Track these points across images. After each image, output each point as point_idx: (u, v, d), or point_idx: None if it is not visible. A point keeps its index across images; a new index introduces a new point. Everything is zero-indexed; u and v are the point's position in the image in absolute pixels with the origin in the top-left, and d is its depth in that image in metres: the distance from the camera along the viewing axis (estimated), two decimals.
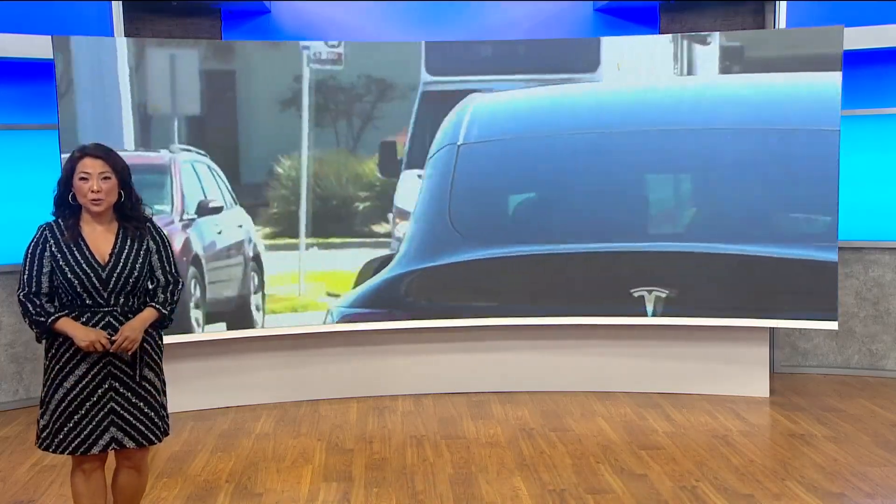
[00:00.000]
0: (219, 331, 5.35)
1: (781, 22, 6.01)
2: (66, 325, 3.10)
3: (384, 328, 5.59)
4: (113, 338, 3.10)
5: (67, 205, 3.18)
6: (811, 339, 6.35)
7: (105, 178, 3.13)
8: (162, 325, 3.30)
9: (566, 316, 5.60)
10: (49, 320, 3.10)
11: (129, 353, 3.14)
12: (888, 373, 6.21)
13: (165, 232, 3.38)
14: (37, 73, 5.56)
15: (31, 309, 3.13)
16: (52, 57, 4.99)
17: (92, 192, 3.10)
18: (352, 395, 5.74)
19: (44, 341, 3.21)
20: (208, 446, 4.85)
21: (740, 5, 6.24)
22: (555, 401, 5.62)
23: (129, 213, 3.22)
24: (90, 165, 3.12)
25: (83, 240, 3.14)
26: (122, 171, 3.19)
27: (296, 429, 5.14)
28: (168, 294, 3.28)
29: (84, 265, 3.11)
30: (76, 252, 3.12)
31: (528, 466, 4.48)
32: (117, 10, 5.66)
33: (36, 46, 5.26)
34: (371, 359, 5.75)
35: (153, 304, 3.24)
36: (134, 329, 3.14)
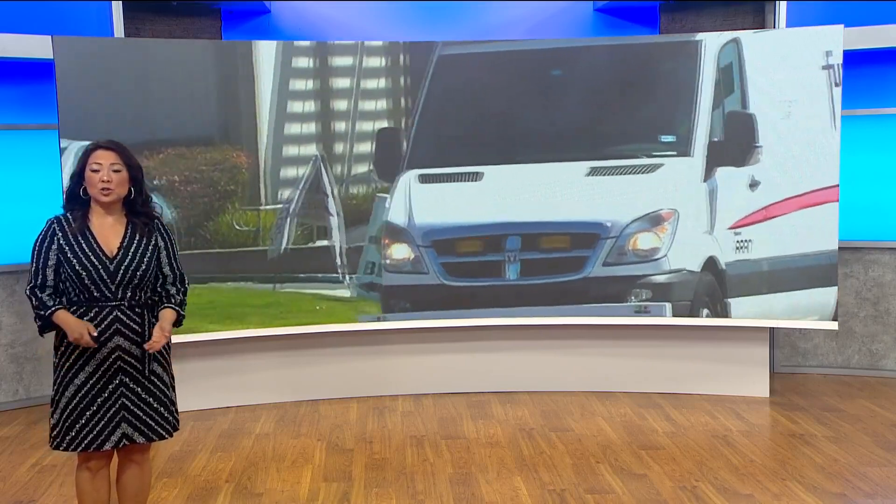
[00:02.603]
0: (221, 330, 5.35)
1: (781, 22, 6.01)
2: (61, 317, 3.13)
3: (384, 328, 5.59)
4: (150, 342, 3.17)
5: (78, 198, 3.22)
6: (811, 339, 6.35)
7: (116, 169, 3.17)
8: (177, 324, 3.34)
9: (566, 316, 5.59)
10: (46, 313, 3.12)
11: (158, 346, 3.19)
12: (888, 373, 6.21)
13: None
14: (37, 73, 5.56)
15: (33, 302, 3.16)
16: (52, 57, 4.98)
17: (102, 181, 3.14)
18: (352, 395, 5.74)
19: (54, 337, 3.23)
20: (208, 446, 4.85)
21: (740, 5, 6.24)
22: (555, 401, 5.62)
23: (139, 209, 3.26)
24: (102, 156, 3.16)
25: (91, 232, 3.17)
26: (134, 168, 3.23)
27: (296, 429, 5.14)
28: (182, 295, 3.34)
29: (92, 257, 3.14)
30: (84, 244, 3.15)
31: (528, 466, 4.48)
32: (117, 10, 5.66)
33: (36, 46, 5.26)
34: (371, 359, 5.75)
35: (170, 305, 3.29)
36: (164, 330, 3.21)
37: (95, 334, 3.11)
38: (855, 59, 5.85)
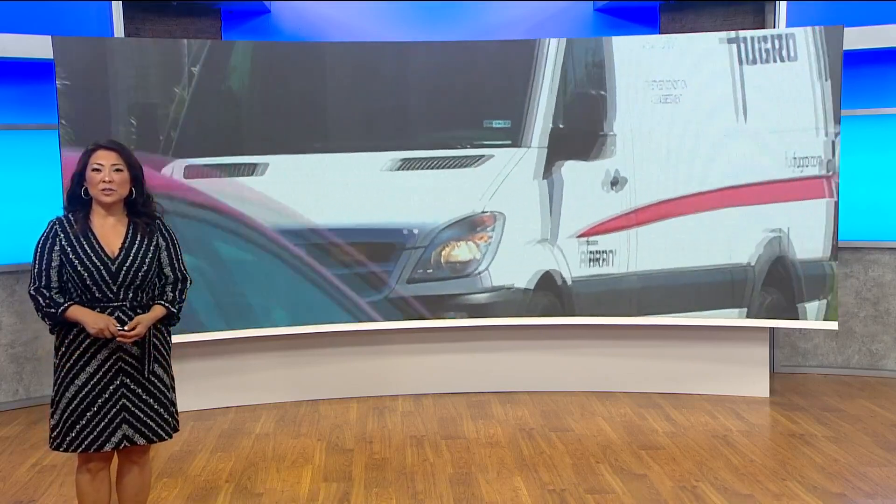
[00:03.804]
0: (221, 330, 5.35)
1: (781, 22, 6.01)
2: (77, 312, 3.12)
3: (384, 328, 5.59)
4: (125, 328, 3.11)
5: (79, 199, 3.21)
6: (811, 339, 6.35)
7: (117, 169, 3.16)
8: (170, 322, 3.33)
9: (566, 316, 5.58)
10: (59, 310, 3.11)
11: (130, 342, 3.15)
12: (888, 373, 6.21)
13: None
14: (37, 73, 5.56)
15: (41, 301, 3.14)
16: (52, 57, 4.98)
17: (104, 182, 3.14)
18: (352, 395, 5.74)
19: (54, 338, 3.22)
20: (208, 446, 4.85)
21: (740, 5, 6.24)
22: (555, 401, 5.62)
23: (141, 209, 3.25)
24: (103, 157, 3.16)
25: (93, 233, 3.17)
26: (134, 167, 3.23)
27: (296, 429, 5.14)
28: (177, 293, 3.32)
29: (94, 258, 3.13)
30: (86, 245, 3.15)
31: (528, 466, 4.48)
32: (117, 10, 5.66)
33: (36, 46, 5.26)
34: (371, 359, 5.75)
35: (161, 301, 3.27)
36: (142, 323, 3.16)
37: (119, 327, 3.10)
38: (855, 59, 5.85)
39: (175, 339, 3.62)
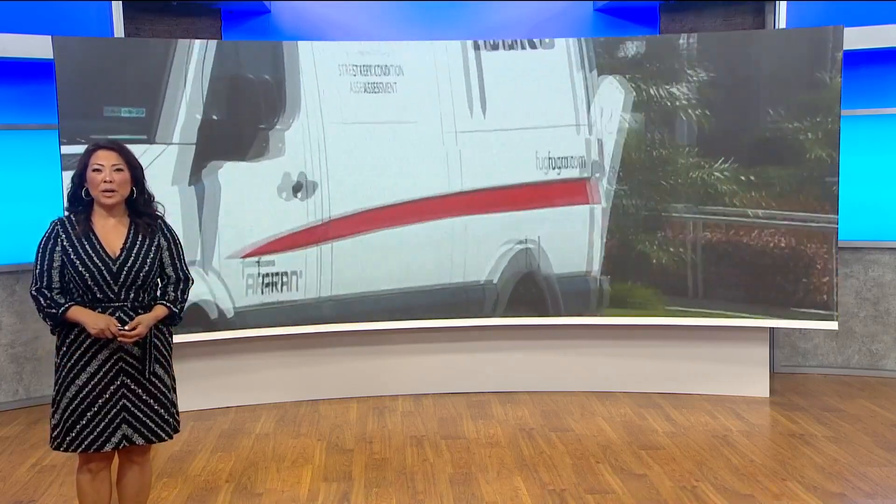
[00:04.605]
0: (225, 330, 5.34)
1: (781, 22, 6.01)
2: (78, 312, 3.12)
3: (384, 328, 5.59)
4: (125, 328, 3.11)
5: (80, 200, 3.21)
6: (811, 339, 6.35)
7: (118, 169, 3.16)
8: (172, 322, 3.33)
9: (566, 316, 5.59)
10: (60, 311, 3.12)
11: (132, 342, 3.15)
12: (888, 373, 6.21)
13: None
14: (37, 73, 5.56)
15: (42, 302, 3.15)
16: (52, 57, 4.98)
17: (104, 182, 3.14)
18: (352, 395, 5.74)
19: (56, 337, 3.23)
20: (208, 446, 4.85)
21: (740, 5, 6.24)
22: (555, 401, 5.62)
23: (142, 209, 3.25)
24: (103, 157, 3.16)
25: (94, 234, 3.17)
26: (135, 167, 3.23)
27: (296, 429, 5.14)
28: (178, 292, 3.32)
29: (95, 258, 3.13)
30: (87, 246, 3.15)
31: (528, 466, 4.48)
32: (117, 10, 5.67)
33: (36, 46, 5.26)
34: (371, 359, 5.75)
35: (163, 301, 3.27)
36: (143, 323, 3.16)
37: (119, 327, 3.10)
38: (855, 59, 5.86)
39: (175, 339, 3.62)
